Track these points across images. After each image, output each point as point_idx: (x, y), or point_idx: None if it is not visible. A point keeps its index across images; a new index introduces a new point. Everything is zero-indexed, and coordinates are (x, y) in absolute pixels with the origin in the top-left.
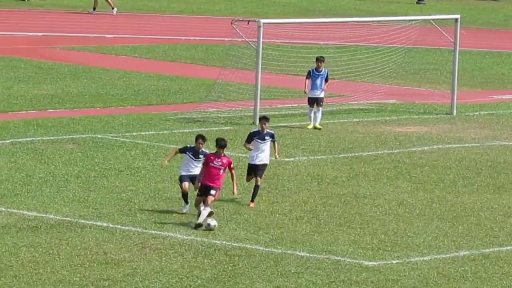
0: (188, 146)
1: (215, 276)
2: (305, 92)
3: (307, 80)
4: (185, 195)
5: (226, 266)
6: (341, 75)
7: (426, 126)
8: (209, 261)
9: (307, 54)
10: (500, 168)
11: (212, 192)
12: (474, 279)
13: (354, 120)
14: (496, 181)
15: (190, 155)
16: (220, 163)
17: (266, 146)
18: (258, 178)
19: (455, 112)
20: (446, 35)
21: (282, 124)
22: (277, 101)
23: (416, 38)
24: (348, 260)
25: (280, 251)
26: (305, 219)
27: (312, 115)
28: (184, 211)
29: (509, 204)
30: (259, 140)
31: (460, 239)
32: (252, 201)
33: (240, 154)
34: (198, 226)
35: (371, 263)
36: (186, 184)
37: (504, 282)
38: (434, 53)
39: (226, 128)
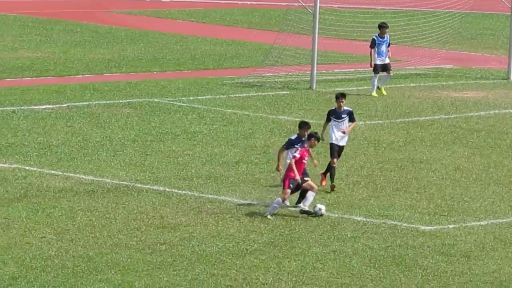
0: (292, 138)
1: (272, 240)
2: (372, 63)
3: (372, 49)
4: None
5: (282, 231)
6: (398, 40)
7: (483, 91)
8: (265, 225)
9: (364, 19)
10: None
11: (306, 178)
12: None
13: (411, 85)
14: None
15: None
16: (307, 157)
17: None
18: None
19: (511, 77)
20: (503, 0)
21: (339, 89)
22: (334, 66)
23: (473, 3)
24: (404, 224)
25: (336, 215)
26: (362, 184)
27: (376, 82)
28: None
29: None
30: (336, 119)
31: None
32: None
33: (296, 119)
34: (305, 212)
35: (427, 227)
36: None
37: None
38: (491, 18)
39: (282, 92)
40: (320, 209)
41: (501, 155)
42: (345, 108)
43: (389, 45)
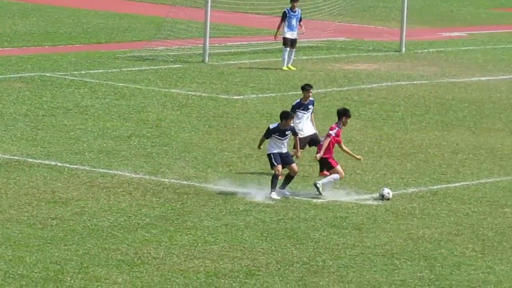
0: (271, 127)
1: (164, 214)
2: (277, 36)
3: (282, 22)
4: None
5: (174, 204)
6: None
7: (375, 64)
8: (157, 199)
9: None
10: (448, 105)
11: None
12: (422, 216)
13: (303, 58)
14: (445, 118)
15: (277, 136)
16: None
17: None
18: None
19: (404, 49)
20: None
21: (231, 62)
22: (227, 39)
23: None
24: (296, 198)
25: (228, 189)
26: (254, 157)
27: (287, 56)
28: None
29: (457, 141)
30: (304, 111)
31: (409, 176)
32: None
33: (188, 92)
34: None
35: (319, 200)
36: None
37: (452, 218)
38: None
39: (175, 66)
40: (388, 194)
41: (393, 127)
42: (310, 98)
43: (300, 19)
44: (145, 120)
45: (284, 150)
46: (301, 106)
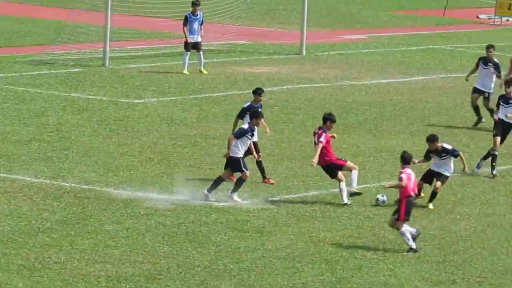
0: (243, 128)
1: (64, 218)
2: (187, 40)
3: (185, 27)
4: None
5: (75, 209)
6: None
7: (276, 67)
8: (58, 203)
9: None
10: (349, 108)
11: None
12: (323, 219)
13: (204, 61)
14: (345, 121)
15: (249, 136)
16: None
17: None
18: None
19: (304, 52)
20: None
21: (132, 66)
22: (127, 43)
23: None
24: (197, 201)
25: (129, 193)
26: (155, 160)
27: (187, 60)
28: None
29: (358, 144)
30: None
31: (310, 179)
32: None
33: (88, 96)
34: (355, 193)
35: (221, 204)
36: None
37: (353, 221)
38: None
39: (75, 70)
40: (383, 200)
41: (294, 130)
42: (260, 102)
43: (202, 23)
44: (46, 124)
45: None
46: (252, 109)
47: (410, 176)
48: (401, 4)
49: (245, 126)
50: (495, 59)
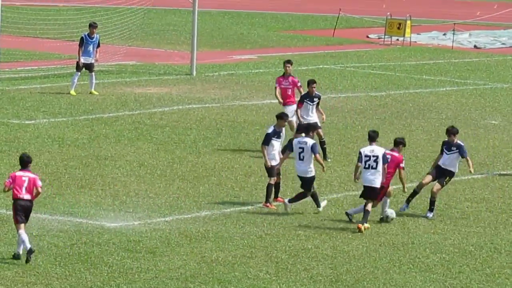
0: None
1: None
2: (78, 61)
3: (80, 48)
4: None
5: None
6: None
7: (166, 87)
8: None
9: (46, 16)
10: (240, 128)
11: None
12: (215, 239)
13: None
14: (237, 141)
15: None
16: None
17: None
18: None
19: (194, 72)
20: None
21: (22, 87)
22: (17, 64)
23: None
24: (90, 222)
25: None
26: (47, 181)
27: (76, 80)
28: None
29: (249, 164)
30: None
31: (202, 199)
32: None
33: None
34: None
35: (112, 224)
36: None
37: (245, 241)
38: (174, 13)
39: None
40: (391, 214)
41: (185, 151)
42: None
43: (98, 45)
44: None
45: None
46: (275, 134)
47: None
48: (291, 24)
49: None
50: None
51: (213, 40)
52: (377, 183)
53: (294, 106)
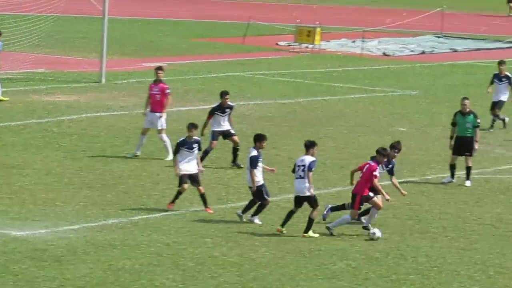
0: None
1: None
2: None
3: None
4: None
5: None
6: None
7: (75, 95)
8: None
9: None
10: (148, 136)
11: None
12: (122, 247)
13: (2, 89)
14: (145, 149)
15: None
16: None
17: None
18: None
19: (104, 80)
20: (94, 3)
21: None
22: None
23: (66, 6)
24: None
25: None
26: None
27: None
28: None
29: (157, 172)
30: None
31: (109, 207)
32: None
33: None
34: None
35: (19, 233)
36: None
37: (152, 249)
38: (84, 21)
39: None
40: (374, 233)
41: (93, 159)
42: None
43: None
44: None
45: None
46: (185, 144)
47: None
48: (201, 32)
49: (254, 153)
50: None
51: (123, 47)
52: (304, 192)
53: (164, 114)
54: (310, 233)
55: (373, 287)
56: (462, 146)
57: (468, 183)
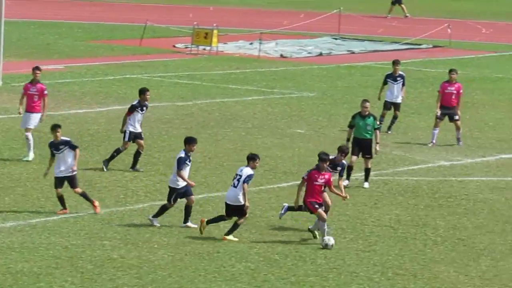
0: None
1: None
2: None
3: None
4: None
5: None
6: None
7: None
8: None
9: None
10: (46, 138)
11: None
12: (20, 250)
13: None
14: (42, 152)
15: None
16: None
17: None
18: None
19: (0, 82)
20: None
21: None
22: None
23: None
24: None
25: None
26: None
27: None
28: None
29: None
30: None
31: (7, 210)
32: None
33: None
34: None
35: None
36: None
37: (51, 252)
38: None
39: None
40: (327, 245)
41: None
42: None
43: None
44: None
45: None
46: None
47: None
48: (98, 34)
49: (182, 154)
50: None
51: (20, 50)
52: (233, 201)
53: (39, 115)
54: (231, 236)
55: None
56: (362, 148)
57: (366, 184)
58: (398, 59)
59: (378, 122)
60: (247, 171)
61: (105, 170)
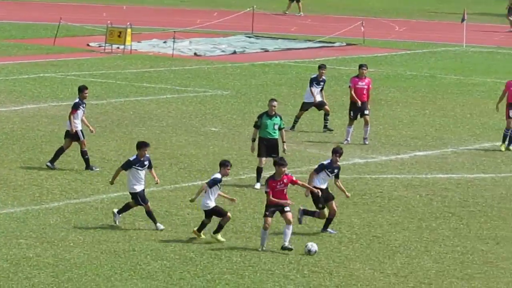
0: (131, 159)
1: None
2: None
3: None
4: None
5: None
6: None
7: None
8: None
9: None
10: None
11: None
12: None
13: None
14: None
15: (137, 167)
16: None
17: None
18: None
19: None
20: None
21: None
22: None
23: None
24: None
25: None
26: None
27: None
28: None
29: None
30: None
31: None
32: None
33: None
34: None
35: None
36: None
37: None
38: None
39: None
40: (311, 248)
41: None
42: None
43: None
44: None
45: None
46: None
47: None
48: (11, 33)
49: (133, 157)
50: None
51: None
52: (204, 207)
53: None
54: (219, 236)
55: (188, 287)
56: (270, 148)
57: (258, 185)
58: (324, 64)
59: (283, 122)
60: (214, 176)
61: (97, 169)
